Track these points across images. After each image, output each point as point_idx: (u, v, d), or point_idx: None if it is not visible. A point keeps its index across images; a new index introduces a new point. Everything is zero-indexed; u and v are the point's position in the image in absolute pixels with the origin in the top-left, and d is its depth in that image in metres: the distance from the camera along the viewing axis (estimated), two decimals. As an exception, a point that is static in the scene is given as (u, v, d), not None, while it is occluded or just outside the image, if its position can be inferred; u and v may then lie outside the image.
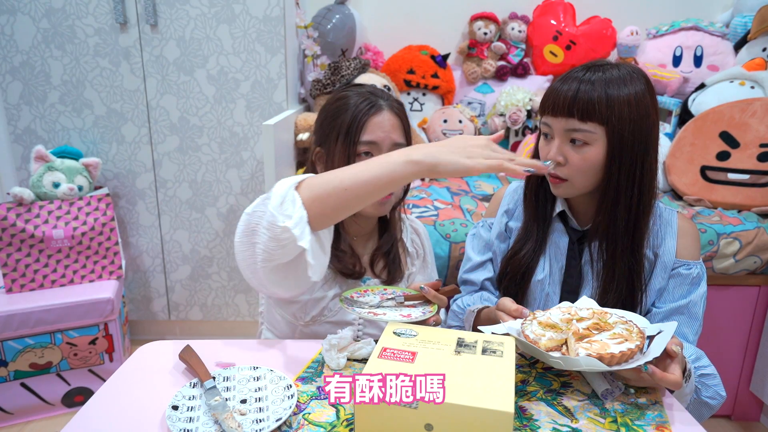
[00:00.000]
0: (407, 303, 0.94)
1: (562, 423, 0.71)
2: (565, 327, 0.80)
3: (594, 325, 0.79)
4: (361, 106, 1.00)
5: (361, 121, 0.99)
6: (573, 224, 1.04)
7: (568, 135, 0.93)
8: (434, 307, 0.92)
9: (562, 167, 0.95)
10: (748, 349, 1.76)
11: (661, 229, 1.00)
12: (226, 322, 2.31)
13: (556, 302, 1.05)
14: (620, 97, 0.90)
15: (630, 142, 0.91)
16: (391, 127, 1.01)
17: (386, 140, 1.00)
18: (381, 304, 0.93)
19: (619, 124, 0.90)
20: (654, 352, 0.75)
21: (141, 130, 2.09)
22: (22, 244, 1.78)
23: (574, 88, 0.91)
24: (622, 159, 0.92)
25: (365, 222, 1.09)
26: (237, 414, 0.71)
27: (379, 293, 0.97)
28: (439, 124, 2.33)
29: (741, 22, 2.25)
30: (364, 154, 0.99)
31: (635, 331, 0.78)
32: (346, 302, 0.91)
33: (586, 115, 0.90)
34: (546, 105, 0.95)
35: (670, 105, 2.15)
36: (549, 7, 2.42)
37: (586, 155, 0.92)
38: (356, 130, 0.99)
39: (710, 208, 1.78)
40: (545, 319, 0.82)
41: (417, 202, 1.80)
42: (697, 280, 0.99)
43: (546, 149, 0.97)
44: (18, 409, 1.78)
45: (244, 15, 1.98)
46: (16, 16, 1.95)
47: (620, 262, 0.96)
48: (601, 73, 0.92)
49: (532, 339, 0.78)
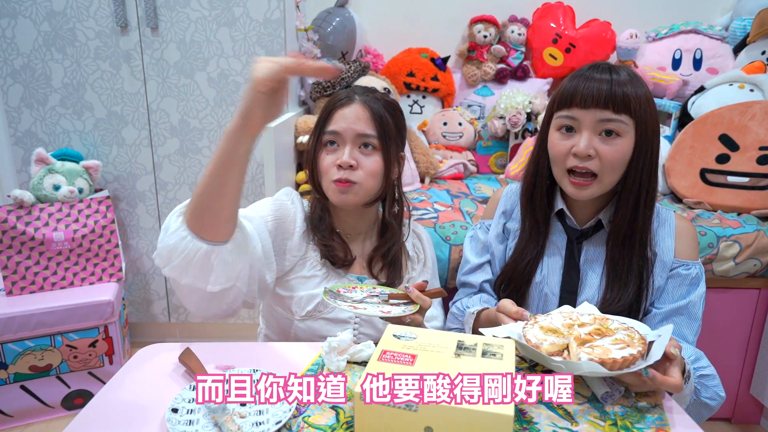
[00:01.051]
0: (391, 302, 0.94)
1: (562, 426, 0.71)
2: (566, 332, 0.80)
3: (596, 331, 0.80)
4: (334, 99, 1.05)
5: (329, 112, 1.04)
6: (571, 223, 1.04)
7: (600, 126, 0.93)
8: (415, 307, 0.92)
9: (592, 161, 0.94)
10: (748, 352, 1.76)
11: (660, 229, 1.01)
12: (226, 325, 2.31)
13: (555, 302, 1.05)
14: (645, 94, 0.94)
15: (651, 137, 0.95)
16: (357, 118, 1.01)
17: (348, 131, 1.01)
18: (364, 300, 0.93)
19: (644, 119, 0.93)
20: (654, 356, 0.75)
21: (141, 132, 2.09)
22: (23, 246, 1.78)
23: (606, 81, 0.92)
24: (645, 154, 0.95)
25: (353, 220, 1.10)
26: (237, 417, 0.71)
27: (367, 291, 0.98)
28: (439, 126, 2.33)
29: (740, 25, 2.26)
30: (328, 144, 1.03)
31: (637, 337, 0.78)
32: (329, 295, 0.92)
33: (621, 106, 0.92)
34: (573, 98, 0.94)
35: (670, 108, 2.15)
36: (549, 10, 2.42)
37: (618, 147, 0.93)
38: (324, 120, 1.04)
39: (710, 211, 1.78)
40: (547, 324, 0.82)
41: (417, 204, 1.80)
42: (696, 281, 1.00)
43: (566, 143, 0.96)
44: (18, 412, 1.78)
45: (245, 18, 1.98)
46: (17, 19, 1.96)
47: (635, 260, 0.98)
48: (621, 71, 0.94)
49: (534, 343, 0.78)
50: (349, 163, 1.00)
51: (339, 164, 1.01)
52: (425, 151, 2.17)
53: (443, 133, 2.32)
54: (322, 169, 1.04)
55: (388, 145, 1.03)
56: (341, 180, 1.00)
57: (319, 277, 1.04)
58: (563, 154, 0.96)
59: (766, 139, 1.76)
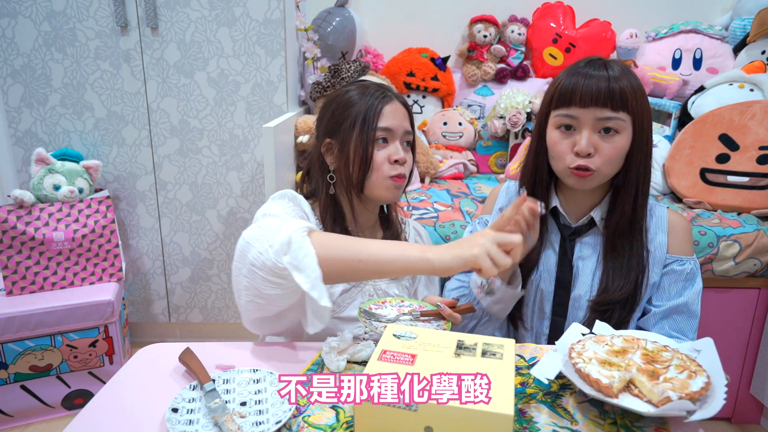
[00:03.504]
0: (422, 318, 0.96)
1: (561, 425, 0.71)
2: (621, 362, 0.74)
3: (645, 357, 0.75)
4: (375, 95, 1.04)
5: (377, 109, 1.03)
6: (565, 221, 1.05)
7: (599, 124, 0.94)
8: (448, 325, 0.94)
9: (592, 158, 0.95)
10: (748, 351, 1.76)
11: (652, 224, 1.03)
12: (226, 325, 2.31)
13: (549, 298, 1.06)
14: (638, 86, 0.95)
15: (647, 131, 0.96)
16: (403, 116, 1.06)
17: (400, 128, 1.05)
18: (398, 318, 0.95)
19: (640, 113, 0.95)
20: (718, 386, 0.70)
21: (141, 132, 2.09)
22: (23, 246, 1.78)
23: (603, 78, 0.93)
24: (641, 146, 0.96)
25: (367, 215, 1.12)
26: (237, 416, 0.71)
27: (397, 305, 0.99)
28: (439, 126, 2.33)
29: (740, 24, 2.26)
30: (381, 140, 1.04)
31: (684, 357, 0.75)
32: (364, 315, 0.93)
33: (619, 104, 0.93)
34: (572, 97, 0.95)
35: (670, 108, 2.15)
36: (548, 10, 2.42)
37: (617, 144, 0.95)
38: (373, 117, 1.02)
39: (710, 211, 1.79)
40: (592, 354, 0.77)
41: (417, 204, 1.80)
42: (691, 276, 1.01)
43: (566, 142, 0.97)
44: (18, 412, 1.78)
45: (245, 18, 1.98)
46: (17, 19, 1.96)
47: (635, 249, 1.00)
48: (614, 66, 0.95)
49: (606, 384, 0.69)
50: (405, 159, 1.05)
51: (396, 160, 1.03)
52: (425, 150, 2.17)
53: (443, 133, 2.32)
54: (375, 165, 1.03)
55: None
56: (400, 175, 1.04)
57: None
58: (564, 152, 0.97)
59: (766, 138, 1.76)
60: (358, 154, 1.02)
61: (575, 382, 0.72)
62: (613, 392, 0.69)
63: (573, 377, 0.73)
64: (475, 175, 2.30)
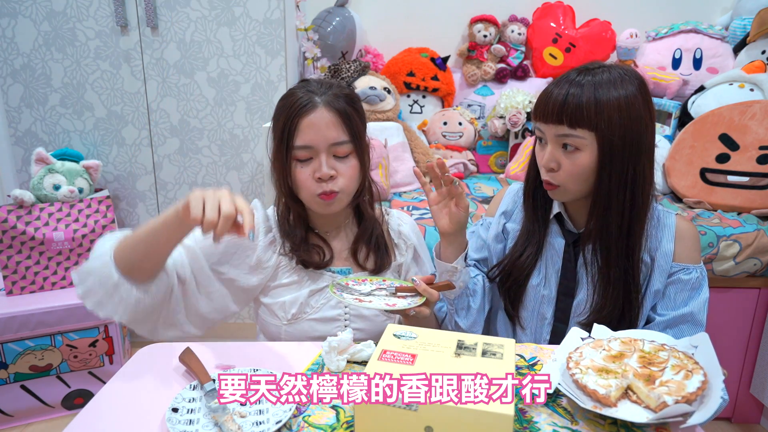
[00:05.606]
0: (398, 294, 0.94)
1: (562, 425, 0.71)
2: (617, 368, 0.74)
3: (642, 359, 0.75)
4: (298, 104, 0.94)
5: (293, 124, 0.94)
6: (569, 226, 1.04)
7: (560, 141, 0.93)
8: (421, 300, 0.92)
9: (555, 173, 0.94)
10: (749, 351, 1.76)
11: (658, 232, 0.99)
12: (226, 325, 2.30)
13: (551, 305, 1.04)
14: (610, 101, 0.88)
15: (620, 147, 0.90)
16: (326, 125, 0.94)
17: (321, 141, 0.94)
18: (372, 293, 0.93)
19: (608, 129, 0.89)
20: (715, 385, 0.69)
21: (141, 132, 2.09)
22: (23, 246, 1.78)
23: (563, 93, 0.90)
24: (612, 164, 0.91)
25: (331, 217, 1.06)
26: (237, 416, 0.71)
27: (377, 284, 0.98)
28: (439, 126, 2.33)
29: (740, 24, 2.26)
30: (301, 161, 0.95)
31: (681, 356, 0.75)
32: (336, 287, 0.92)
33: (575, 121, 0.89)
34: (537, 111, 0.94)
35: (670, 107, 2.15)
36: (548, 10, 2.42)
37: (577, 161, 0.92)
38: (289, 135, 0.94)
39: (710, 211, 1.78)
40: (589, 362, 0.76)
41: (417, 204, 1.80)
42: (697, 285, 0.98)
43: (541, 154, 0.97)
44: (18, 412, 1.78)
45: (245, 18, 1.98)
46: (17, 18, 1.96)
47: (615, 266, 0.95)
48: (591, 76, 0.90)
49: (603, 394, 0.69)
50: (330, 174, 0.95)
51: (319, 177, 0.94)
52: (425, 150, 2.17)
53: (443, 133, 2.32)
54: (299, 184, 0.97)
55: (360, 144, 0.99)
56: (325, 193, 0.95)
57: (298, 282, 1.03)
58: (540, 164, 0.98)
59: (766, 138, 1.76)
60: (282, 175, 0.99)
61: (574, 399, 0.71)
62: (611, 401, 0.69)
63: (571, 393, 0.72)
64: (475, 175, 2.30)
